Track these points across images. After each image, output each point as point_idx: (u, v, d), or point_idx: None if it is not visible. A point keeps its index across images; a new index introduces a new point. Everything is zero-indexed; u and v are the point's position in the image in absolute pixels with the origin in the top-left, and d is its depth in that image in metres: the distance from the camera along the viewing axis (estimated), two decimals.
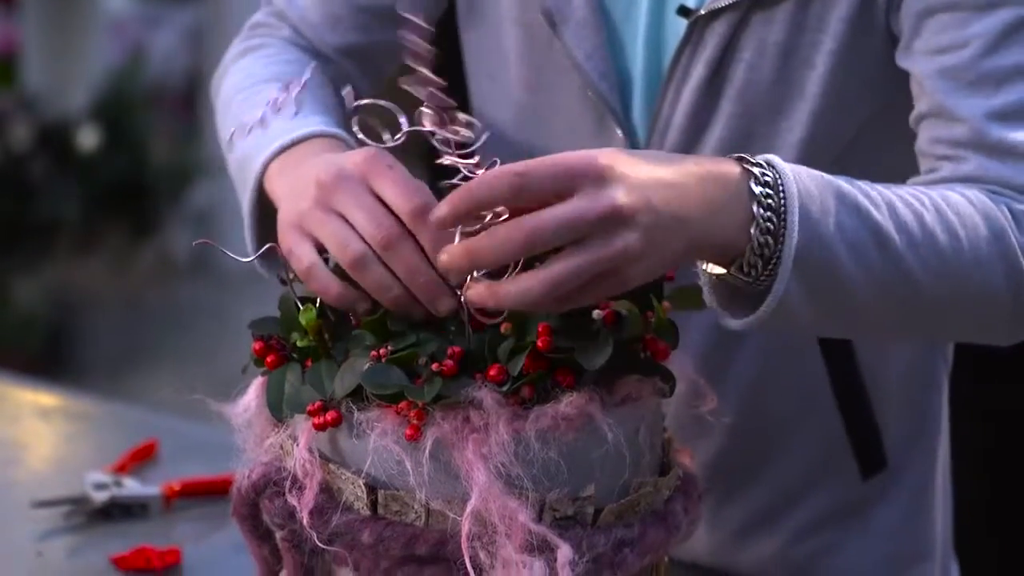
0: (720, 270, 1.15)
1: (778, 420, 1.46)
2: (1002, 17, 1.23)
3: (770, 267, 1.13)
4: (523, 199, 1.08)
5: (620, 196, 1.07)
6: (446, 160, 1.16)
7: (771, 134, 1.35)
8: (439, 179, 1.20)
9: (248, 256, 1.28)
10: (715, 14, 1.32)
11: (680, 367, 1.22)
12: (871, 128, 1.36)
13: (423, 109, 1.17)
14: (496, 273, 1.12)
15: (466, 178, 1.15)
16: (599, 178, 1.07)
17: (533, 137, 1.45)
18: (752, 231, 1.12)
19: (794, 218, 1.12)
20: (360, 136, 1.22)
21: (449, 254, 1.09)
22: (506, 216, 1.09)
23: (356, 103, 1.22)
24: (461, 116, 1.17)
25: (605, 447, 1.14)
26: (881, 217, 1.16)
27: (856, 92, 1.33)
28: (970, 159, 1.23)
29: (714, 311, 1.19)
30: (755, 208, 1.12)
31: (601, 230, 1.07)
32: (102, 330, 4.75)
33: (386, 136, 1.23)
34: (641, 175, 1.09)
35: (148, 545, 1.51)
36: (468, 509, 1.11)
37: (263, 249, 1.25)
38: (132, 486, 1.62)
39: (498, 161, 1.13)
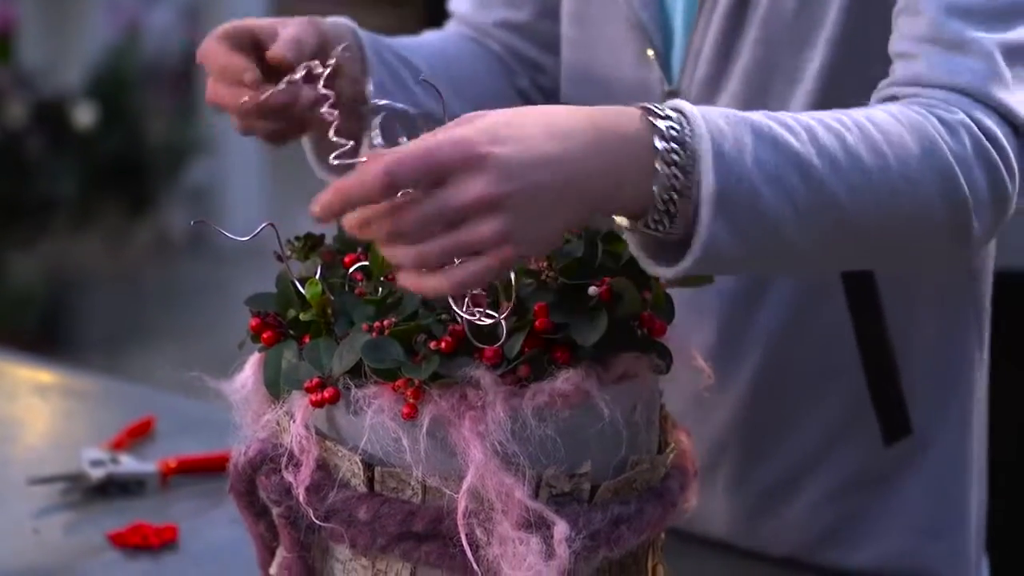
0: (628, 223, 1.14)
1: (801, 382, 1.45)
2: None
3: (676, 220, 1.11)
4: (396, 193, 1.08)
5: (487, 184, 1.06)
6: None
7: (794, 62, 1.36)
8: None
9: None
10: None
11: (697, 334, 1.22)
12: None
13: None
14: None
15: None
16: (469, 167, 1.07)
17: (580, 72, 1.48)
18: (655, 189, 1.10)
19: (708, 163, 1.10)
20: (377, 140, 1.23)
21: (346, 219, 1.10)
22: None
23: (378, 103, 1.23)
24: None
25: (602, 424, 1.14)
26: (800, 145, 1.13)
27: (877, 21, 1.31)
28: (920, 57, 1.21)
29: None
30: (658, 165, 1.10)
31: (469, 216, 1.07)
32: (99, 307, 4.74)
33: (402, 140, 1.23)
34: (518, 155, 1.08)
35: (145, 522, 1.51)
36: (464, 486, 1.11)
37: (260, 228, 1.24)
38: (129, 463, 1.63)
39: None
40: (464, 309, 1.14)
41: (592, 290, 1.15)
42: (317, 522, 1.16)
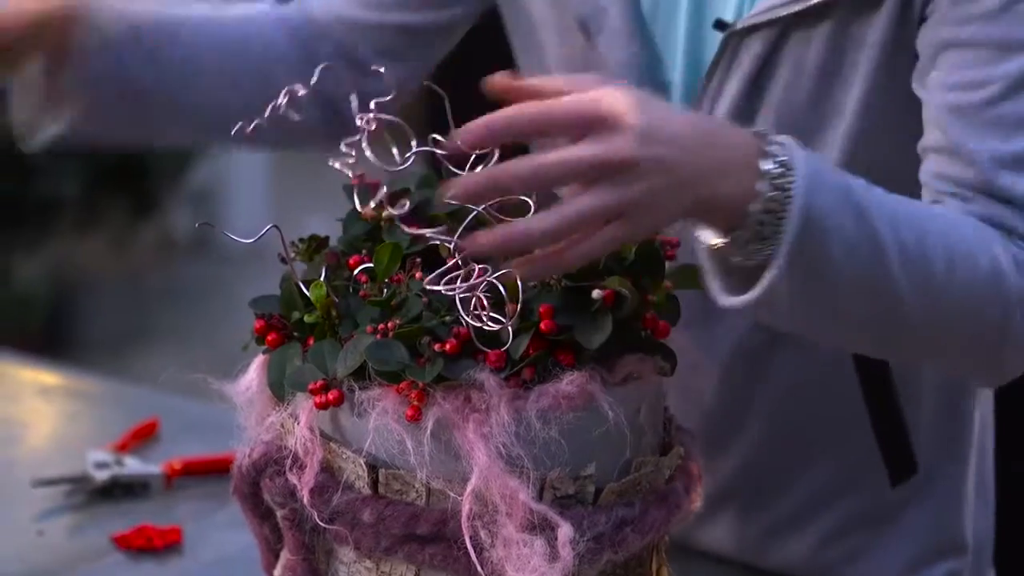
0: (716, 241, 1.15)
1: (812, 425, 1.45)
2: None
3: (761, 247, 1.13)
4: (539, 137, 1.10)
5: (635, 148, 1.07)
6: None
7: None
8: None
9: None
10: (751, 30, 1.31)
11: (707, 385, 1.22)
12: (912, 154, 1.33)
13: (435, 136, 1.19)
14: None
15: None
16: (617, 126, 1.08)
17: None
18: (752, 207, 1.12)
19: (799, 203, 1.12)
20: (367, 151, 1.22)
21: (462, 184, 1.10)
22: None
23: (370, 115, 1.22)
24: None
25: (606, 426, 1.14)
26: (883, 228, 1.15)
27: (893, 114, 1.31)
28: (977, 200, 1.22)
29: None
30: (758, 184, 1.12)
31: (610, 177, 1.08)
32: (103, 308, 4.74)
33: (394, 150, 1.23)
34: (661, 130, 1.09)
35: (149, 524, 1.51)
36: (469, 488, 1.11)
37: (265, 231, 1.23)
38: (133, 465, 1.63)
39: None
40: (471, 313, 1.14)
41: (596, 292, 1.15)
42: (321, 524, 1.16)
